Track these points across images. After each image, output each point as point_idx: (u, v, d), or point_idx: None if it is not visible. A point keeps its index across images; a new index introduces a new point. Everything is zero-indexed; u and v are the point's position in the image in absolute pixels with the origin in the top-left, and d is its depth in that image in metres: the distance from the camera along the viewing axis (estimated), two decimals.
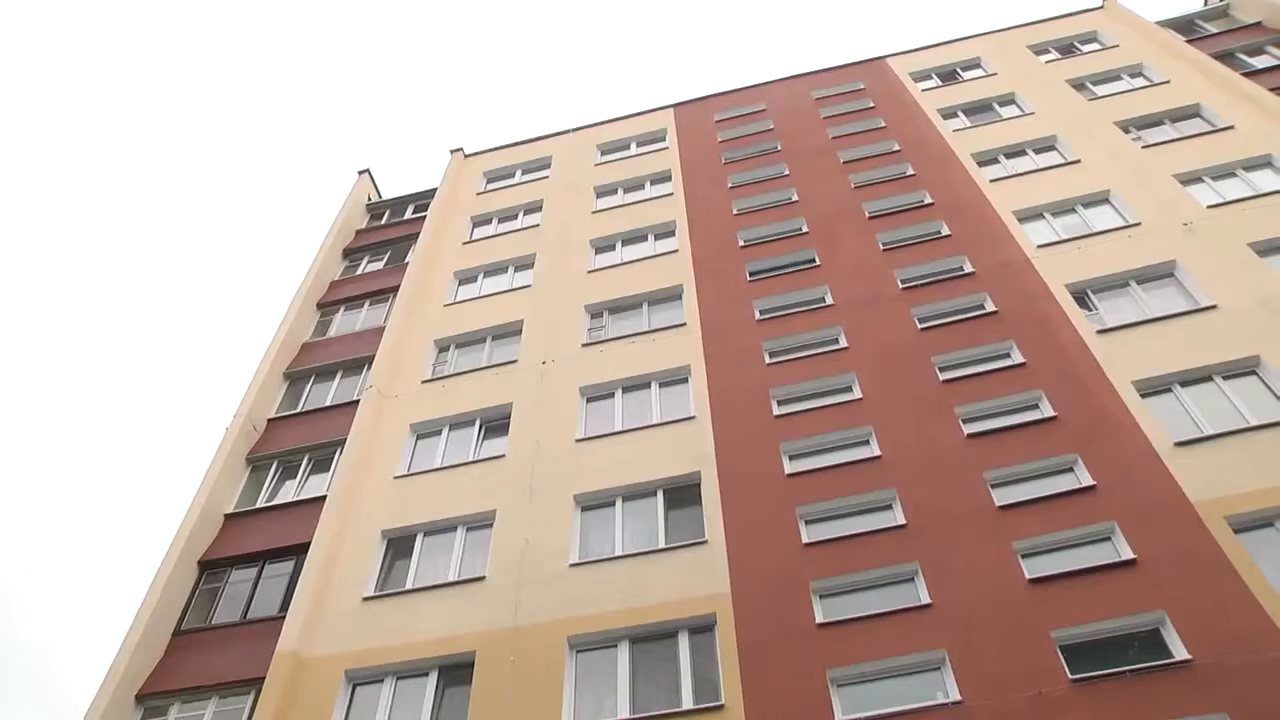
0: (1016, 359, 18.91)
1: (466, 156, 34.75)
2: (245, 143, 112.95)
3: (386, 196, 35.18)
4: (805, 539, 16.47)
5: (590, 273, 25.63)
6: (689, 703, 14.54)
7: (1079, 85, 28.08)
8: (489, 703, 15.18)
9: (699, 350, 21.50)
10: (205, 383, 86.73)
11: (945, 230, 23.30)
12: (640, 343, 22.36)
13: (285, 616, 17.49)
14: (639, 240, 26.82)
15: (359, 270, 30.25)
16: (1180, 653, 13.10)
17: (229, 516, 21.01)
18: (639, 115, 34.18)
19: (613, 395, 21.23)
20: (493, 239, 28.93)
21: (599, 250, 26.85)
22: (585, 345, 22.81)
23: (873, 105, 30.38)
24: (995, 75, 30.07)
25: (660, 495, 18.29)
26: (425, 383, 23.16)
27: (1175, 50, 28.24)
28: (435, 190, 32.75)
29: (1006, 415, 17.89)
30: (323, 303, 28.39)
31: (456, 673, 16.06)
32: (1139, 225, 21.37)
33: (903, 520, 16.30)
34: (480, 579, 17.44)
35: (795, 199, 26.32)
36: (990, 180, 24.68)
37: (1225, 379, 17.29)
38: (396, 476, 20.48)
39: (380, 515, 19.52)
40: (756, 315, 22.20)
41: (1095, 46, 30.32)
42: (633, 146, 32.43)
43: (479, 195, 31.83)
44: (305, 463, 22.12)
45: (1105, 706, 12.75)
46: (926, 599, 14.90)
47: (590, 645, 15.84)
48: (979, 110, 28.66)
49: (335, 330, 27.15)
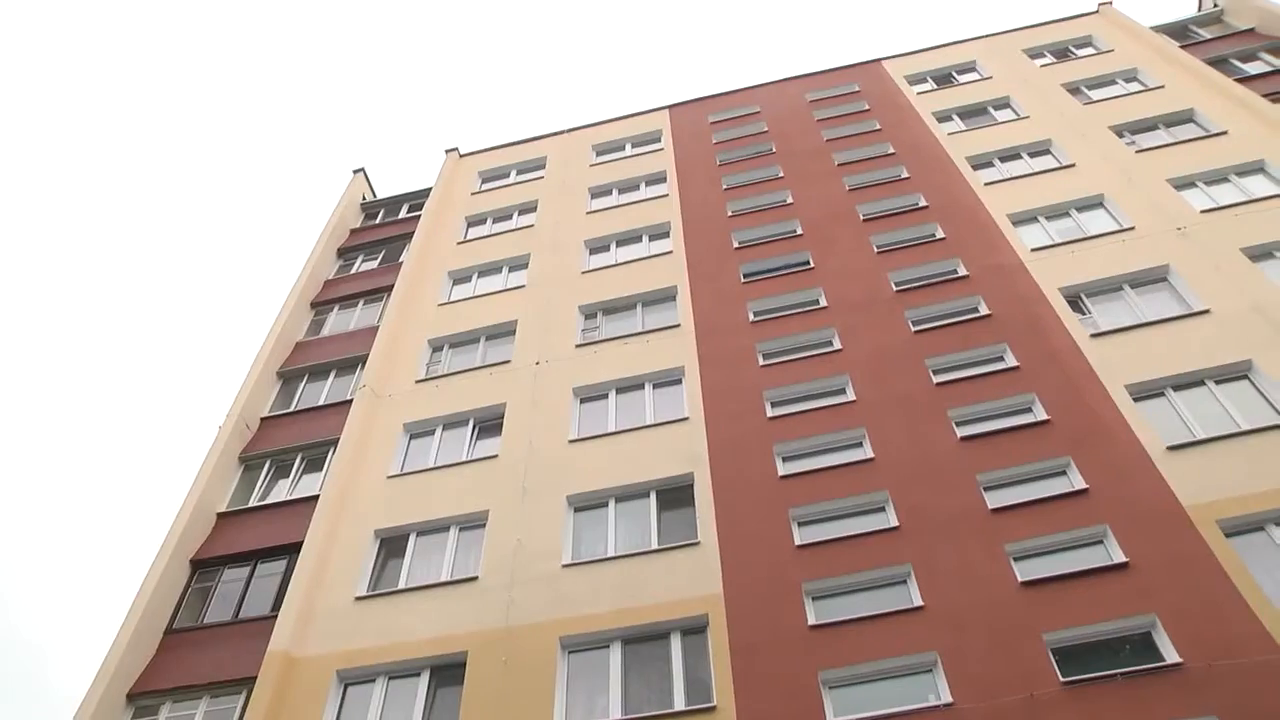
0: (1010, 362, 18.95)
1: (461, 156, 34.74)
2: (240, 141, 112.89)
3: (381, 196, 35.15)
4: (798, 541, 16.49)
5: (585, 273, 25.63)
6: (681, 704, 14.54)
7: (1074, 89, 28.16)
8: (481, 703, 15.16)
9: (693, 351, 21.51)
10: (198, 381, 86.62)
11: (939, 233, 23.35)
12: (634, 344, 22.37)
13: (277, 616, 17.45)
14: (633, 241, 26.84)
15: (353, 269, 30.22)
16: (1171, 656, 13.14)
17: (221, 515, 20.97)
18: (634, 116, 34.19)
19: (606, 396, 21.23)
20: (487, 239, 28.93)
21: (593, 251, 26.85)
22: (579, 346, 22.81)
23: (868, 108, 30.44)
24: (990, 79, 30.14)
25: (653, 496, 18.30)
26: (419, 382, 23.14)
27: (1169, 56, 28.33)
28: (430, 190, 32.74)
29: (999, 418, 17.93)
30: (317, 302, 28.35)
31: (448, 673, 16.04)
32: (1133, 229, 21.44)
33: (895, 522, 16.33)
34: (473, 579, 17.42)
35: (790, 201, 26.36)
36: (985, 183, 24.74)
37: (1218, 383, 17.34)
38: (389, 476, 20.46)
39: (373, 515, 19.50)
40: (750, 317, 22.22)
41: (1090, 51, 30.41)
42: (628, 147, 32.44)
43: (474, 195, 31.82)
44: (298, 462, 22.08)
45: (1096, 709, 12.78)
46: (919, 601, 14.93)
47: (582, 646, 15.83)
48: (974, 114, 28.73)
49: (329, 329, 27.11)
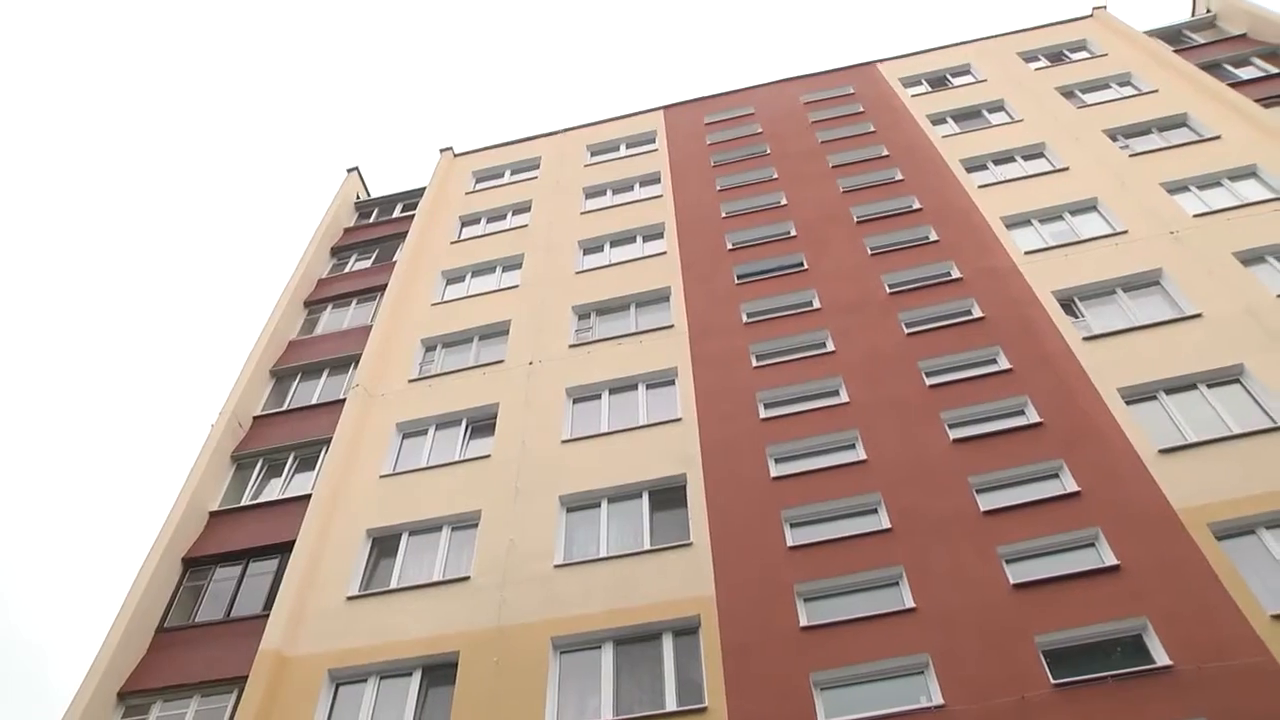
0: (1003, 365, 18.98)
1: (456, 156, 34.68)
2: (233, 140, 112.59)
3: (375, 195, 35.08)
4: (790, 542, 16.49)
5: (578, 274, 25.61)
6: (672, 704, 14.53)
7: (1068, 93, 28.21)
8: (472, 703, 15.14)
9: (686, 352, 21.51)
10: (191, 380, 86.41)
11: (933, 236, 23.38)
12: (627, 344, 22.35)
13: (269, 615, 17.41)
14: (627, 242, 26.83)
15: (347, 268, 30.15)
16: (1162, 658, 13.17)
17: (214, 514, 20.90)
18: (629, 117, 34.18)
19: (599, 396, 21.22)
20: (481, 239, 28.89)
21: (587, 251, 26.83)
22: (572, 346, 22.79)
23: (862, 110, 30.47)
24: (985, 82, 30.18)
25: (646, 497, 18.28)
26: (412, 382, 23.10)
27: (1163, 60, 28.41)
28: (424, 189, 32.70)
29: (992, 421, 17.96)
30: (310, 301, 28.28)
31: (440, 673, 16.01)
32: (1126, 233, 21.49)
33: (888, 524, 16.33)
34: (465, 579, 17.39)
35: (784, 202, 26.38)
36: (978, 186, 24.79)
37: (1210, 387, 17.38)
38: (382, 476, 20.41)
39: (365, 514, 19.45)
40: (744, 318, 22.23)
41: (1084, 55, 30.48)
42: (622, 148, 32.43)
43: (468, 195, 31.77)
44: (290, 461, 22.02)
45: (1087, 711, 12.80)
46: (910, 603, 14.94)
47: (574, 646, 15.81)
48: (968, 116, 28.77)
49: (322, 328, 27.06)
